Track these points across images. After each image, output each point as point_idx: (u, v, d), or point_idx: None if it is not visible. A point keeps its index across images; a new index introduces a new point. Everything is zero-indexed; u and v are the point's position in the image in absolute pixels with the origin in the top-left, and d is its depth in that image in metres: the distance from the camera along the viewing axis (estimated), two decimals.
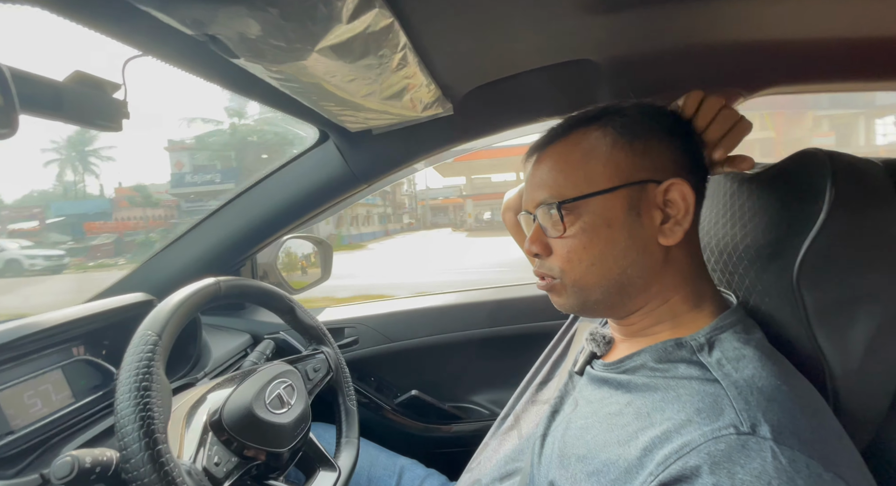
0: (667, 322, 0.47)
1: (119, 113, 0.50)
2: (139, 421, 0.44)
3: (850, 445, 0.36)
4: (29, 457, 0.58)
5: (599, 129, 0.46)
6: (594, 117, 0.47)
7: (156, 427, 0.44)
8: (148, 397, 0.45)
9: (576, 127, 0.48)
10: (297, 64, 0.45)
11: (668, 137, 0.46)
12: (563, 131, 0.48)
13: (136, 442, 0.43)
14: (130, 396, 0.45)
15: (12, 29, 14.54)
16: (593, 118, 0.47)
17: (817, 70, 0.71)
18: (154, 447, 0.43)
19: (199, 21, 0.37)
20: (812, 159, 0.44)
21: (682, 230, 0.44)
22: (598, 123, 0.46)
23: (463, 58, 0.66)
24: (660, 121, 0.47)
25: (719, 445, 0.32)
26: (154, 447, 0.43)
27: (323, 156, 0.89)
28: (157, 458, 0.43)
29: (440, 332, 1.10)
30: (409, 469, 0.84)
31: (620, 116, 0.46)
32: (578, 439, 0.44)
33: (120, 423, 0.44)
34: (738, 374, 0.37)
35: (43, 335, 0.66)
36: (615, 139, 0.45)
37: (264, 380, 0.63)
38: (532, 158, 0.51)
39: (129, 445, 0.43)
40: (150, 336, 0.50)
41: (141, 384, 0.46)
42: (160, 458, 0.43)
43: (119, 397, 0.46)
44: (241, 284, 0.69)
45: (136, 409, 0.44)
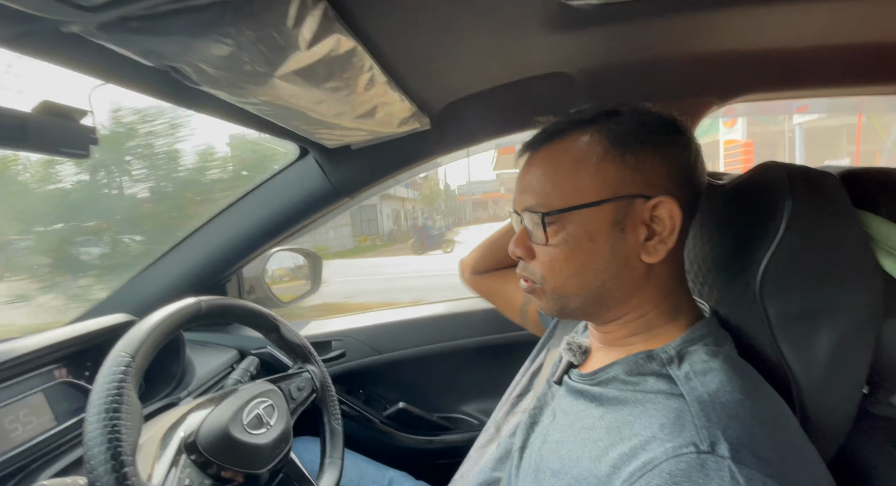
0: (642, 334, 0.47)
1: (87, 139, 0.51)
2: (106, 443, 0.43)
3: (814, 460, 0.36)
4: (8, 483, 0.58)
5: (593, 135, 0.45)
6: (590, 120, 0.46)
7: (123, 449, 0.44)
8: (117, 418, 0.45)
9: (570, 129, 0.46)
10: (260, 89, 0.45)
11: (663, 149, 0.44)
12: (557, 132, 0.47)
13: (102, 465, 0.42)
14: (99, 418, 0.45)
15: None
16: (589, 122, 0.46)
17: (787, 77, 0.72)
18: (120, 470, 0.43)
19: (154, 53, 0.38)
20: (770, 173, 0.45)
21: (665, 249, 0.43)
22: (593, 128, 0.45)
23: (435, 75, 0.67)
24: (657, 132, 0.45)
25: (679, 464, 0.32)
26: (120, 469, 0.43)
27: (304, 171, 0.89)
28: (123, 481, 0.42)
29: (427, 343, 1.10)
30: (398, 482, 0.84)
31: (616, 123, 0.45)
32: (553, 452, 0.44)
33: (87, 445, 0.44)
34: (703, 388, 0.37)
35: (24, 359, 0.66)
36: (607, 149, 0.44)
37: (243, 399, 0.63)
38: (524, 156, 0.50)
39: (96, 468, 0.43)
40: (124, 357, 0.50)
41: (110, 406, 0.46)
42: (126, 481, 0.42)
43: (88, 419, 0.45)
44: (224, 303, 0.68)
45: (104, 431, 0.44)
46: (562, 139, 0.47)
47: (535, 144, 0.49)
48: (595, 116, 0.46)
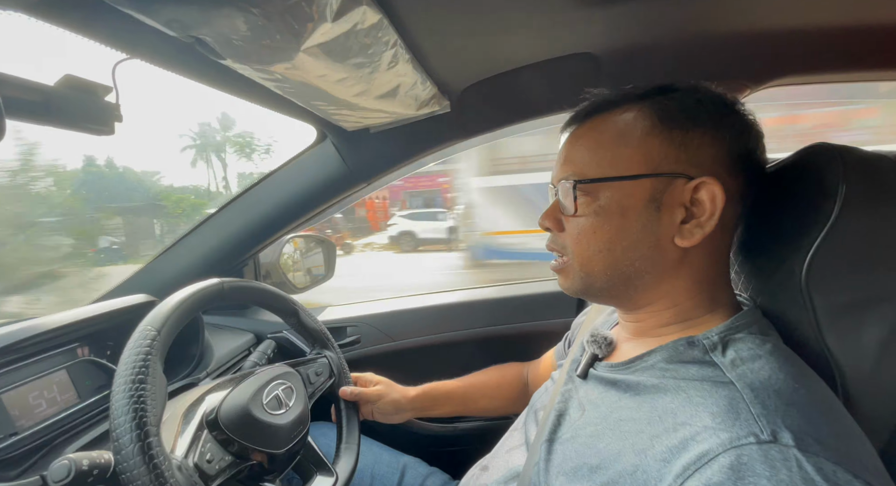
0: (677, 324, 0.45)
1: (111, 116, 0.50)
2: (132, 413, 0.44)
3: (870, 447, 0.35)
4: (32, 458, 0.59)
5: (642, 110, 0.43)
6: (640, 96, 0.44)
7: (148, 420, 0.44)
8: (142, 390, 0.46)
9: (619, 103, 0.45)
10: (285, 64, 0.44)
11: (715, 129, 0.42)
12: (605, 105, 0.46)
13: (127, 434, 0.43)
14: (126, 388, 0.45)
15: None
16: (639, 97, 0.44)
17: (825, 60, 0.68)
18: (145, 440, 0.43)
19: (181, 23, 0.37)
20: (823, 155, 0.42)
21: (702, 234, 0.41)
22: (643, 103, 0.43)
23: (458, 54, 0.65)
24: (711, 110, 0.42)
25: (741, 456, 0.30)
26: (145, 439, 0.43)
27: (321, 155, 0.89)
28: (147, 450, 0.43)
29: (442, 331, 1.10)
30: (412, 467, 0.84)
31: (669, 99, 0.43)
32: (589, 448, 0.42)
33: (114, 414, 0.45)
34: (754, 375, 0.36)
35: (48, 337, 0.67)
36: (654, 124, 0.42)
37: (263, 381, 0.63)
38: (568, 130, 0.49)
39: (121, 436, 0.43)
40: (150, 331, 0.51)
41: (136, 377, 0.46)
42: (150, 450, 0.43)
43: (114, 389, 0.46)
44: (245, 285, 0.69)
45: (130, 401, 0.44)
46: (609, 112, 0.45)
47: (581, 117, 0.47)
48: (647, 91, 0.44)
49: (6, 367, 0.64)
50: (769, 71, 0.71)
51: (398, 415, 0.79)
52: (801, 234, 0.41)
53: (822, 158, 0.42)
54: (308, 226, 1.07)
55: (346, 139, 0.84)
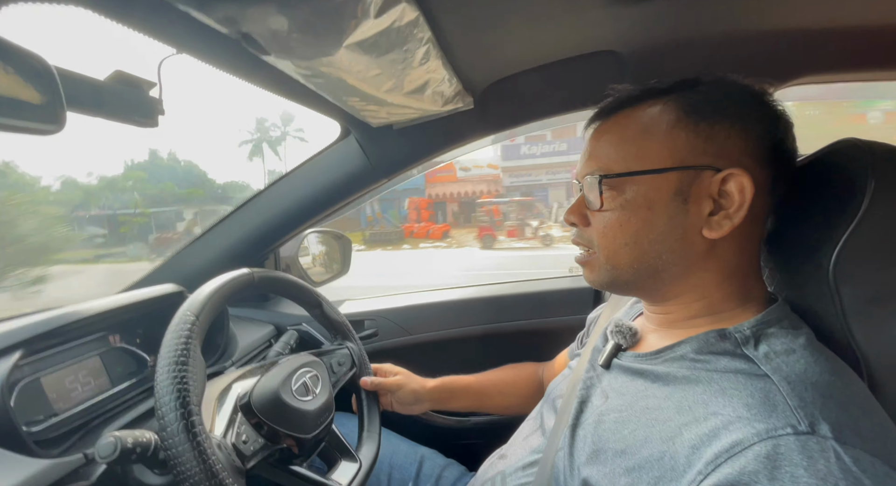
0: (707, 316, 0.45)
1: (155, 110, 0.52)
2: (176, 392, 0.46)
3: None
4: (72, 438, 0.61)
5: (667, 104, 0.43)
6: (665, 90, 0.44)
7: (191, 399, 0.46)
8: (185, 371, 0.48)
9: (643, 98, 0.45)
10: (326, 59, 0.46)
11: (742, 121, 0.41)
12: (630, 100, 0.46)
13: (172, 412, 0.45)
14: (169, 369, 0.47)
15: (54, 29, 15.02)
16: (664, 91, 0.44)
17: (850, 59, 0.68)
18: (188, 418, 0.45)
19: (232, 19, 0.38)
20: (851, 150, 0.43)
21: (730, 225, 0.41)
22: (667, 97, 0.43)
23: (484, 51, 0.66)
24: (738, 102, 0.42)
25: (778, 447, 0.30)
26: (188, 417, 0.45)
27: (344, 151, 0.90)
28: (191, 428, 0.45)
29: (458, 325, 1.11)
30: (430, 458, 0.85)
31: (695, 92, 0.43)
32: (614, 433, 0.42)
33: (158, 393, 0.47)
34: (789, 368, 0.36)
35: (81, 324, 0.69)
36: (679, 117, 0.42)
37: (291, 368, 0.65)
38: (593, 125, 0.49)
39: (166, 414, 0.45)
40: (189, 316, 0.53)
41: (179, 359, 0.48)
42: (193, 428, 0.45)
43: (159, 370, 0.48)
44: (274, 276, 0.71)
45: (174, 381, 0.47)
46: (634, 108, 0.45)
47: (606, 112, 0.48)
48: (672, 86, 0.44)
49: (43, 352, 0.66)
50: (794, 69, 0.71)
51: (417, 405, 0.80)
52: (829, 227, 0.42)
53: (851, 154, 0.42)
54: (328, 221, 1.09)
55: (369, 135, 0.86)
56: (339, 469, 0.68)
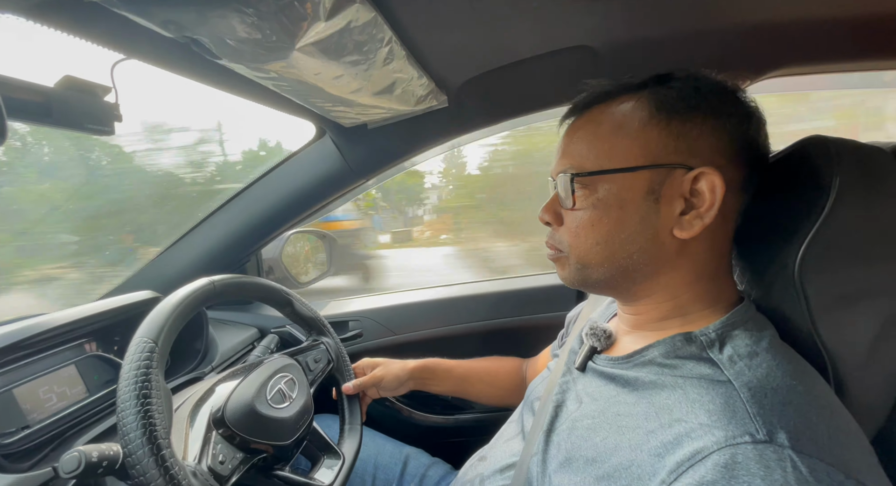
0: (676, 318, 0.45)
1: (111, 116, 0.51)
2: (142, 428, 0.45)
3: (866, 444, 0.35)
4: (44, 451, 0.61)
5: (640, 100, 0.42)
6: (639, 85, 0.44)
7: (158, 433, 0.45)
8: (149, 404, 0.46)
9: (617, 94, 0.44)
10: (280, 63, 0.44)
11: (714, 118, 0.41)
12: (602, 96, 0.45)
13: (140, 449, 0.44)
14: (131, 404, 0.46)
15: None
16: (638, 86, 0.44)
17: (824, 51, 0.68)
18: (158, 453, 0.44)
19: (176, 24, 0.37)
20: (817, 147, 0.42)
21: (701, 225, 0.40)
22: (641, 93, 0.43)
23: (454, 49, 0.65)
24: (711, 98, 0.41)
25: (736, 455, 0.30)
26: (158, 452, 0.44)
27: (321, 151, 0.89)
28: (162, 462, 0.44)
29: (443, 324, 1.11)
30: (415, 458, 0.85)
31: (667, 88, 0.42)
32: (586, 440, 0.42)
33: (124, 431, 0.45)
34: (752, 373, 0.36)
35: (56, 332, 0.68)
36: (651, 113, 0.41)
37: (265, 375, 0.64)
38: (566, 122, 0.48)
39: (135, 451, 0.44)
40: (147, 343, 0.51)
41: (140, 392, 0.47)
42: (165, 462, 0.44)
43: (120, 406, 0.47)
44: (237, 281, 0.69)
45: (139, 417, 0.45)
46: (607, 103, 0.44)
47: (580, 108, 0.47)
48: (646, 81, 0.43)
49: (16, 363, 0.65)
50: (768, 62, 0.70)
51: (402, 387, 0.80)
52: (794, 226, 0.41)
53: (816, 151, 0.42)
54: (309, 222, 1.08)
55: (344, 135, 0.84)
56: (322, 467, 0.68)
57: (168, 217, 1.59)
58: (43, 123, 0.45)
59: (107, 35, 0.43)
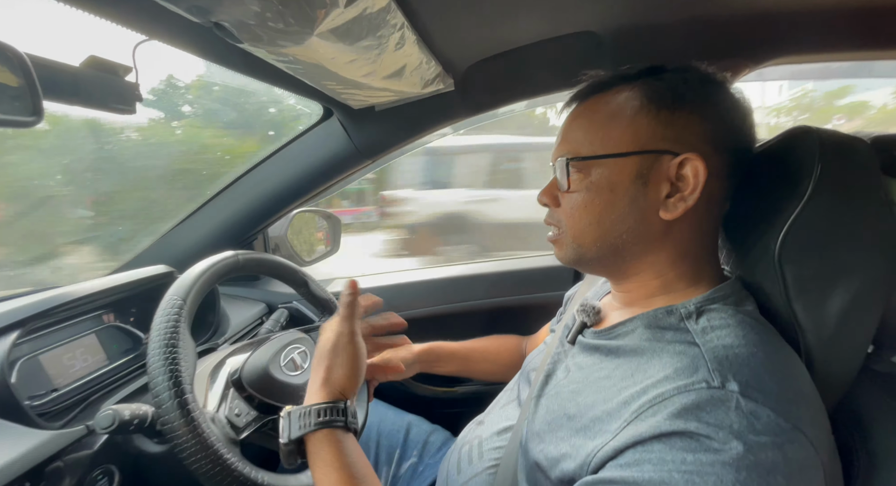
0: (662, 295, 0.48)
1: (133, 96, 0.53)
2: (168, 373, 0.49)
3: (818, 406, 0.39)
4: (73, 411, 0.65)
5: (633, 90, 0.46)
6: (634, 76, 0.47)
7: (182, 378, 0.50)
8: (175, 353, 0.51)
9: (613, 84, 0.48)
10: (298, 47, 0.46)
11: (701, 108, 0.44)
12: (601, 86, 0.49)
13: (165, 391, 0.49)
14: (160, 352, 0.51)
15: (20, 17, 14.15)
16: (633, 77, 0.47)
17: (822, 39, 0.69)
18: (181, 396, 0.49)
19: (201, 9, 0.39)
20: (802, 138, 0.45)
21: (684, 207, 0.44)
22: (635, 84, 0.46)
23: (462, 33, 0.66)
24: (699, 90, 0.45)
25: (690, 396, 0.35)
26: (181, 395, 0.49)
27: (328, 132, 0.91)
28: (185, 405, 0.48)
29: (444, 302, 1.15)
30: (416, 425, 0.90)
31: (658, 79, 0.46)
32: (569, 401, 0.47)
33: (151, 374, 0.50)
34: (719, 341, 0.40)
35: (78, 303, 0.71)
36: (643, 104, 0.45)
37: (280, 345, 0.68)
38: (567, 109, 0.52)
39: (160, 393, 0.49)
40: (177, 301, 0.56)
41: (169, 342, 0.51)
42: (187, 405, 0.49)
43: (150, 353, 0.51)
44: (259, 257, 0.74)
45: (166, 363, 0.50)
46: (604, 93, 0.48)
47: (580, 97, 0.50)
48: (640, 72, 0.47)
49: (41, 331, 0.69)
50: (768, 50, 0.72)
51: (409, 370, 0.85)
52: (777, 211, 0.44)
53: (802, 141, 0.44)
54: (315, 202, 1.11)
55: (351, 117, 0.86)
56: None
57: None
58: (71, 102, 0.47)
59: (131, 16, 0.44)
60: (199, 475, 0.48)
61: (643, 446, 0.35)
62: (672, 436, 0.34)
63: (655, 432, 0.35)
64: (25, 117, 0.39)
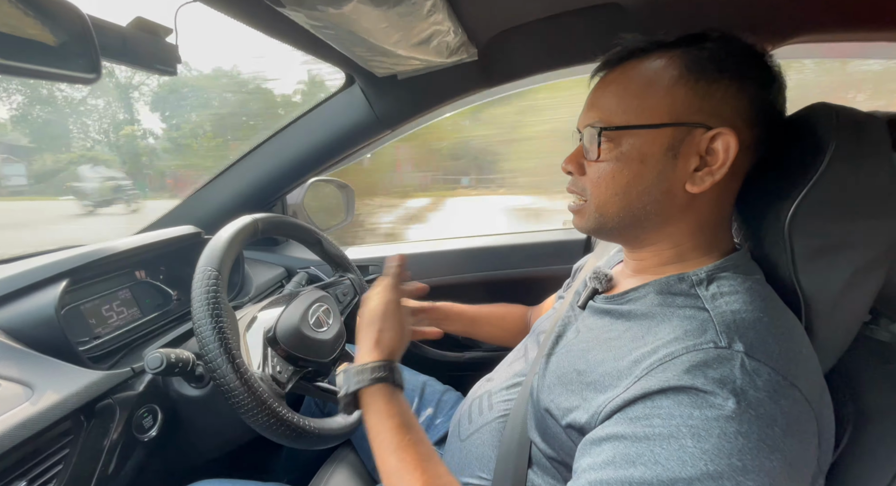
0: (675, 263, 0.50)
1: (174, 57, 0.55)
2: (218, 342, 0.53)
3: (815, 368, 0.42)
4: (117, 356, 0.70)
5: (671, 58, 0.44)
6: (673, 43, 0.45)
7: (232, 345, 0.54)
8: (221, 322, 0.55)
9: (649, 50, 0.46)
10: (337, 12, 0.48)
11: (740, 81, 0.43)
12: (636, 52, 0.47)
13: (219, 357, 0.53)
14: (207, 323, 0.54)
15: None
16: (671, 44, 0.45)
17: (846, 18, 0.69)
18: (234, 361, 0.53)
19: None
20: (820, 114, 0.47)
21: (711, 181, 0.44)
22: (674, 51, 0.44)
23: (489, 1, 0.67)
24: (739, 62, 0.43)
25: (698, 355, 0.37)
26: (234, 360, 0.53)
27: (349, 100, 0.92)
28: (238, 369, 0.53)
29: (456, 272, 1.19)
30: (430, 385, 0.95)
31: (699, 48, 0.44)
32: (579, 358, 0.49)
33: (203, 344, 0.54)
34: (727, 306, 0.42)
35: (113, 259, 0.75)
36: (681, 73, 0.43)
37: (305, 304, 0.72)
38: (598, 75, 0.50)
39: (215, 359, 0.53)
40: (212, 272, 0.59)
41: (213, 313, 0.55)
42: (240, 369, 0.53)
43: (198, 324, 0.55)
44: (276, 219, 0.77)
45: (215, 333, 0.54)
46: (640, 59, 0.46)
47: (612, 63, 0.48)
48: (679, 40, 0.45)
49: (81, 283, 0.73)
50: (792, 27, 0.72)
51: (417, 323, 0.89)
52: (791, 184, 0.46)
53: (819, 117, 0.46)
54: (334, 170, 1.13)
55: (374, 85, 0.87)
56: None
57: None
58: (119, 62, 0.49)
59: None
60: (257, 426, 0.54)
61: (652, 400, 0.37)
62: (680, 392, 0.36)
63: (664, 386, 0.37)
64: (87, 74, 0.41)
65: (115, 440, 0.59)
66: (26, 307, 0.61)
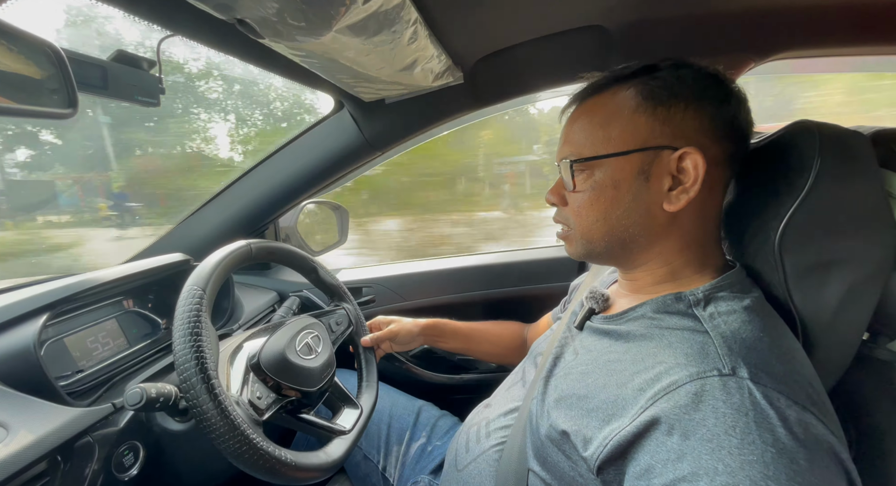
0: (669, 282, 0.50)
1: (156, 88, 0.55)
2: (195, 360, 0.52)
3: (819, 387, 0.41)
4: (99, 391, 0.68)
5: (629, 89, 0.47)
6: (630, 75, 0.48)
7: (208, 365, 0.52)
8: (200, 341, 0.53)
9: (610, 84, 0.49)
10: (316, 42, 0.48)
11: (697, 102, 0.46)
12: (599, 87, 0.50)
13: (193, 377, 0.51)
14: (186, 340, 0.53)
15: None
16: (628, 77, 0.48)
17: (827, 34, 0.70)
18: (208, 381, 0.51)
19: (227, 6, 0.41)
20: (803, 131, 0.47)
21: (687, 198, 0.45)
22: (630, 83, 0.47)
23: (472, 27, 0.68)
24: (692, 86, 0.46)
25: (704, 385, 0.36)
26: (208, 381, 0.51)
27: (338, 124, 0.93)
28: (212, 390, 0.51)
29: (450, 292, 1.18)
30: (426, 410, 0.93)
31: (653, 78, 0.47)
32: (579, 382, 0.49)
33: (179, 362, 0.52)
34: (727, 326, 0.42)
35: (100, 289, 0.74)
36: (639, 103, 0.46)
37: (295, 330, 0.71)
38: (569, 109, 0.53)
39: (188, 379, 0.51)
40: (197, 291, 0.58)
41: (193, 331, 0.54)
42: (214, 390, 0.51)
43: (176, 342, 0.53)
44: (270, 246, 0.76)
45: (192, 351, 0.52)
46: (602, 93, 0.49)
47: (580, 98, 0.52)
48: (635, 71, 0.48)
49: (66, 315, 0.72)
50: (773, 45, 0.73)
51: (413, 342, 0.88)
52: (778, 203, 0.46)
53: (802, 134, 0.46)
54: (325, 193, 1.13)
55: (362, 109, 0.88)
56: (343, 415, 0.75)
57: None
58: (100, 95, 0.49)
59: (158, 13, 0.46)
60: (227, 454, 0.51)
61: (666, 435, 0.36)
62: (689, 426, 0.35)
63: (673, 421, 0.36)
64: (62, 109, 0.41)
65: (93, 481, 0.57)
66: (4, 344, 0.59)
